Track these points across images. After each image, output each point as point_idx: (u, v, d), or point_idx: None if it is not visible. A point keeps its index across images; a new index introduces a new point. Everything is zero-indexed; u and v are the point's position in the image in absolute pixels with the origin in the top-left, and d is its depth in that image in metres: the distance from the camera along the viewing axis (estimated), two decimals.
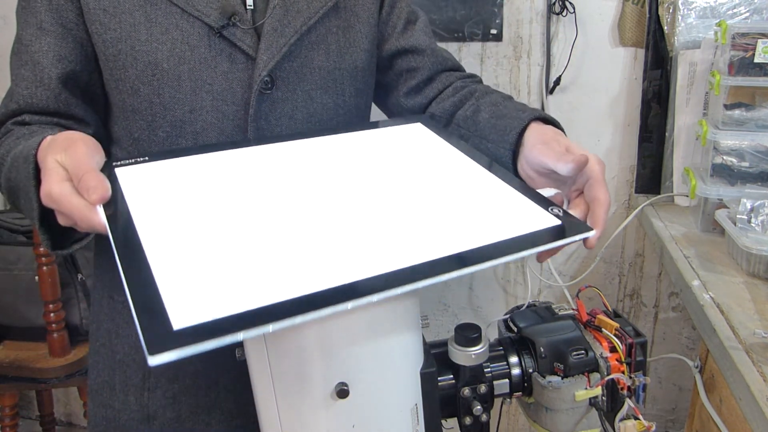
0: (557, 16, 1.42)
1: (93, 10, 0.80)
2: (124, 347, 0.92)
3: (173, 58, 0.79)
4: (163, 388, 0.91)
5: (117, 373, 0.93)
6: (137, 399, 0.92)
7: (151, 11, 0.79)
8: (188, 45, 0.79)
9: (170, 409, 0.92)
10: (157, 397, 0.91)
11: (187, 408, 0.92)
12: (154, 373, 0.91)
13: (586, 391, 0.70)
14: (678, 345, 1.59)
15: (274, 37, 0.81)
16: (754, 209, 1.09)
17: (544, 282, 1.61)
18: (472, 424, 0.72)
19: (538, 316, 0.77)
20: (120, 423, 0.94)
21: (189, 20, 0.79)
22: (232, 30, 0.80)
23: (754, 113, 1.17)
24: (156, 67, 0.79)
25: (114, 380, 0.93)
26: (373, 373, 0.63)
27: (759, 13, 1.29)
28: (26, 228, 1.64)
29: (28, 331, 1.64)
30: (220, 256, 0.56)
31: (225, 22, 0.80)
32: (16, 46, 0.83)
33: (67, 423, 2.17)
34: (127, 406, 0.93)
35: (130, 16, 0.79)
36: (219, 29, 0.79)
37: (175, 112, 0.81)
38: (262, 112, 0.82)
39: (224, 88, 0.81)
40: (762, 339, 0.85)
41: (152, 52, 0.79)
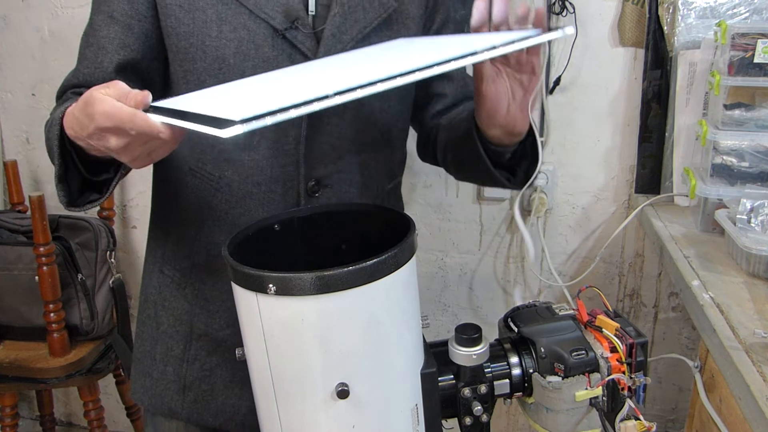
0: (557, 16, 1.42)
1: (169, 5, 0.86)
2: (168, 318, 0.99)
3: (239, 55, 0.86)
4: (201, 361, 0.98)
5: (159, 344, 1.00)
6: (175, 369, 0.98)
7: (222, 10, 0.85)
8: (254, 44, 0.85)
9: (205, 382, 0.98)
10: (194, 369, 0.98)
11: (222, 382, 0.98)
12: (194, 346, 0.97)
13: (586, 392, 0.70)
14: (678, 345, 1.59)
15: (332, 43, 0.87)
16: (754, 209, 1.09)
17: (544, 282, 1.61)
18: (473, 424, 0.72)
19: (538, 316, 0.77)
20: (156, 392, 1.00)
21: (256, 21, 0.85)
22: (294, 33, 0.86)
23: (754, 113, 1.17)
24: (223, 62, 0.86)
25: (155, 351, 1.00)
26: (373, 373, 0.63)
27: (759, 13, 1.29)
28: (26, 228, 1.64)
29: (28, 331, 1.64)
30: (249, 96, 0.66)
31: (288, 25, 0.85)
32: (88, 28, 0.92)
33: (67, 423, 2.17)
34: (165, 376, 0.99)
35: (202, 13, 0.85)
36: (282, 31, 0.85)
37: None
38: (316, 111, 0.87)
39: None
40: (762, 339, 0.85)
41: (221, 47, 0.85)
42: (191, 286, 0.97)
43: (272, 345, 0.62)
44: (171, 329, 0.98)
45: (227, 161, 0.90)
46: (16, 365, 1.58)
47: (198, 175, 0.92)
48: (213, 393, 0.97)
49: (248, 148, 0.89)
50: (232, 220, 0.92)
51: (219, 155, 0.90)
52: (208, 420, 0.98)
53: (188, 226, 0.95)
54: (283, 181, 0.90)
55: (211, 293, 0.96)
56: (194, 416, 0.98)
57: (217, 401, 0.98)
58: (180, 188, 0.94)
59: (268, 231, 0.76)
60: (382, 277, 0.61)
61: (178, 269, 0.97)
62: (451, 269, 1.66)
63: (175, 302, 0.98)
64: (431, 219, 1.61)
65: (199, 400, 0.98)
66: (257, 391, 0.68)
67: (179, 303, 0.98)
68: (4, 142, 1.92)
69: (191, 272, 0.96)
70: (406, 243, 0.63)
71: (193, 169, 0.92)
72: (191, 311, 0.97)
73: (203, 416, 0.98)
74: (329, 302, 0.59)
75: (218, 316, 0.96)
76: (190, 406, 0.98)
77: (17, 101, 1.85)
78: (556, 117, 1.49)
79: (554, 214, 1.56)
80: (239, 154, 0.89)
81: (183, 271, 0.97)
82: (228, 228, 0.92)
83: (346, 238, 0.80)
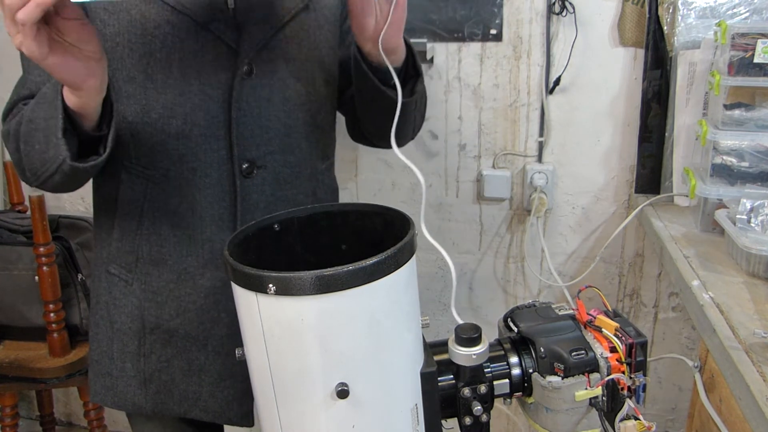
0: (557, 16, 1.42)
1: (94, 9, 0.89)
2: (121, 316, 1.00)
3: (165, 49, 0.89)
4: (157, 353, 1.00)
5: (115, 342, 1.01)
6: (134, 365, 1.00)
7: (145, 9, 0.88)
8: (178, 38, 0.89)
9: (164, 373, 1.00)
10: (152, 362, 1.00)
11: (180, 371, 1.00)
12: (149, 339, 0.99)
13: (586, 392, 0.70)
14: (678, 345, 1.59)
15: (254, 30, 0.91)
16: (754, 209, 1.09)
17: (544, 282, 1.61)
18: (472, 424, 0.72)
19: (538, 316, 0.77)
20: (118, 390, 1.02)
21: (179, 16, 0.88)
22: (216, 24, 0.90)
23: (754, 113, 1.17)
24: (150, 57, 0.89)
25: (112, 349, 1.02)
26: (373, 373, 0.63)
27: (759, 13, 1.29)
28: (26, 228, 1.64)
29: (28, 331, 1.64)
30: None
31: (209, 17, 0.89)
32: None
33: (67, 423, 2.17)
34: (125, 373, 1.01)
35: (127, 14, 0.89)
36: (205, 24, 0.89)
37: (167, 95, 0.90)
38: (243, 95, 0.92)
39: (210, 74, 0.91)
40: (762, 339, 0.85)
41: (147, 44, 0.89)
42: (138, 280, 0.98)
43: (272, 345, 0.62)
44: (124, 326, 1.00)
45: (161, 152, 0.92)
46: (16, 365, 1.58)
47: (132, 170, 0.94)
48: (174, 382, 1.00)
49: (181, 136, 0.91)
50: (173, 209, 0.95)
51: (153, 148, 0.92)
52: (173, 408, 1.01)
53: (129, 221, 0.97)
54: (218, 164, 0.93)
55: (158, 284, 0.97)
56: (159, 406, 1.01)
57: (179, 389, 1.00)
58: (116, 185, 0.96)
59: (268, 231, 0.76)
60: (382, 277, 0.61)
61: (124, 266, 0.99)
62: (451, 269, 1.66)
63: (124, 300, 0.99)
64: (431, 219, 1.61)
65: (161, 391, 1.00)
66: (257, 391, 0.68)
67: (128, 300, 0.99)
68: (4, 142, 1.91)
69: (136, 266, 0.98)
70: (406, 243, 0.63)
71: (126, 165, 0.94)
72: (141, 306, 0.98)
73: (168, 405, 1.00)
74: (329, 302, 0.59)
75: (167, 306, 0.98)
76: (153, 398, 1.00)
77: None
78: (556, 117, 1.49)
79: (554, 214, 1.56)
80: (173, 142, 0.92)
81: (128, 267, 0.98)
82: (169, 218, 0.95)
83: (346, 238, 0.80)
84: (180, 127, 0.91)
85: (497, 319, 0.81)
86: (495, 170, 1.56)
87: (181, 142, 0.91)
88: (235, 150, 0.92)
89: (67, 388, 1.99)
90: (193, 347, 0.99)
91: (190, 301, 0.97)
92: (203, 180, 0.93)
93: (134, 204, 0.95)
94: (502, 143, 1.54)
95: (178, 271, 0.96)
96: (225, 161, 0.93)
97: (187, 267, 0.96)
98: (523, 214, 1.57)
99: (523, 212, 1.57)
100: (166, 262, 0.96)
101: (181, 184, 0.93)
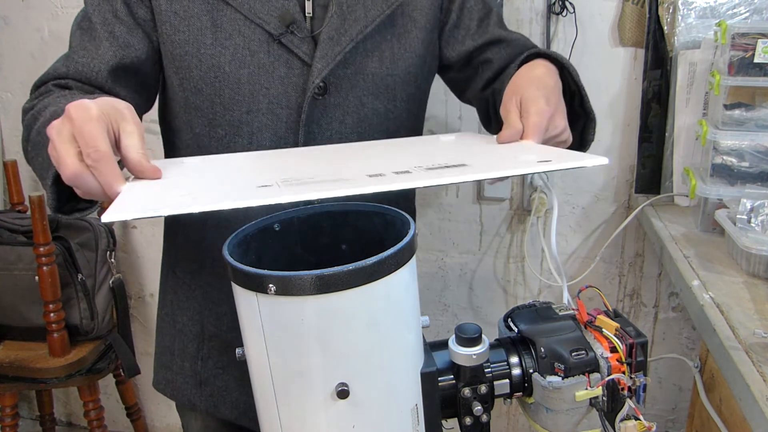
0: (557, 16, 1.42)
1: (165, 12, 0.84)
2: (183, 318, 1.01)
3: (234, 62, 0.84)
4: (214, 359, 1.00)
5: (177, 340, 1.02)
6: (191, 365, 1.01)
7: (217, 17, 0.83)
8: (249, 50, 0.83)
9: (220, 379, 1.00)
10: (209, 366, 1.00)
11: (234, 380, 1.00)
12: (207, 345, 1.00)
13: (586, 392, 0.70)
14: (678, 345, 1.59)
15: (329, 46, 0.84)
16: (754, 209, 1.09)
17: (544, 282, 1.61)
18: (473, 424, 0.72)
19: (538, 316, 0.77)
20: (177, 385, 1.03)
21: (251, 27, 0.83)
22: (290, 38, 0.83)
23: (754, 113, 1.17)
24: (219, 70, 0.84)
25: (174, 346, 1.03)
26: (373, 373, 0.63)
27: (759, 13, 1.29)
28: (26, 228, 1.64)
29: (28, 331, 1.64)
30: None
31: (283, 30, 0.83)
32: (85, 24, 0.87)
33: (67, 423, 2.17)
34: (183, 371, 1.02)
35: (198, 21, 0.83)
36: (278, 36, 0.83)
37: (234, 112, 0.85)
38: (314, 116, 0.86)
39: (280, 92, 0.84)
40: (762, 339, 0.85)
41: (216, 55, 0.83)
42: (200, 288, 0.98)
43: (272, 345, 0.62)
44: (186, 328, 1.00)
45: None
46: (16, 365, 1.58)
47: None
48: (228, 389, 1.00)
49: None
50: (234, 227, 0.92)
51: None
52: (225, 413, 1.01)
53: (193, 231, 0.96)
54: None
55: (218, 296, 0.97)
56: (212, 408, 1.01)
57: (232, 396, 1.00)
58: None
59: (268, 231, 0.76)
60: (382, 277, 0.61)
61: (188, 272, 0.99)
62: (451, 269, 1.66)
63: (187, 303, 1.00)
64: (431, 219, 1.61)
65: (215, 395, 1.01)
66: (257, 391, 0.68)
67: (191, 304, 0.99)
68: (4, 142, 1.92)
69: (199, 275, 0.97)
70: (406, 243, 0.63)
71: None
72: (202, 312, 0.99)
73: (220, 409, 1.01)
74: (329, 302, 0.59)
75: (226, 319, 0.97)
76: (207, 400, 1.01)
77: (17, 101, 1.85)
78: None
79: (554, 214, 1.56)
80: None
81: (192, 274, 0.98)
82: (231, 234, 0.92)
83: (346, 238, 0.80)
84: (245, 147, 0.87)
85: (497, 319, 0.81)
86: None
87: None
88: None
89: (67, 388, 1.98)
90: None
91: None
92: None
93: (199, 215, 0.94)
94: None
95: None
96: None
97: None
98: (523, 214, 1.57)
99: (523, 212, 1.57)
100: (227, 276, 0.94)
101: None
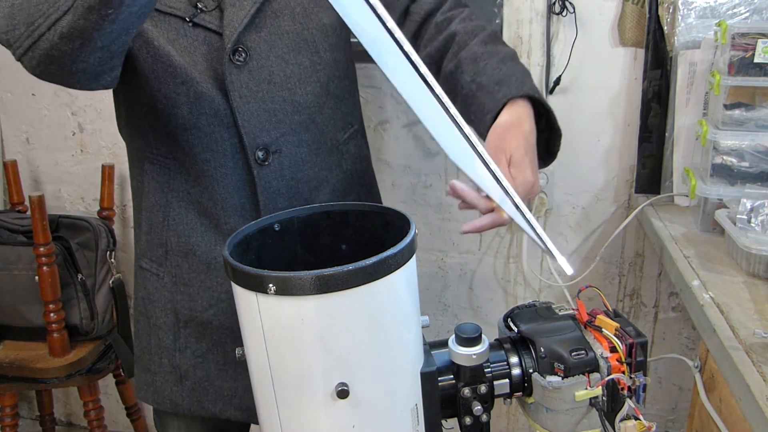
0: (557, 16, 1.42)
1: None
2: (156, 311, 1.00)
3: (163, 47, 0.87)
4: (191, 348, 0.99)
5: (152, 337, 1.02)
6: (170, 360, 1.00)
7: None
8: (168, 39, 0.87)
9: (200, 368, 0.99)
10: (187, 357, 0.99)
11: (215, 366, 0.99)
12: (183, 333, 0.99)
13: (586, 392, 0.70)
14: (678, 345, 1.59)
15: (233, 12, 0.88)
16: (754, 209, 1.09)
17: (544, 282, 1.61)
18: (472, 424, 0.72)
19: (538, 316, 0.77)
20: (157, 386, 1.02)
21: (166, 18, 0.87)
22: (201, 16, 0.88)
23: (754, 113, 1.17)
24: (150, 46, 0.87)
25: (150, 344, 1.02)
26: (373, 373, 0.63)
27: (759, 13, 1.28)
28: (26, 228, 1.64)
29: (28, 331, 1.64)
30: None
31: (193, 11, 0.87)
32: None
33: (67, 423, 2.17)
34: (162, 368, 1.01)
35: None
36: (191, 18, 0.87)
37: (169, 85, 0.88)
38: (241, 81, 0.89)
39: (206, 66, 0.89)
40: (762, 339, 0.85)
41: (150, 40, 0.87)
42: (169, 273, 0.98)
43: (272, 345, 0.62)
44: (159, 321, 1.00)
45: (175, 142, 0.92)
46: (16, 365, 1.58)
47: (154, 161, 0.94)
48: (209, 378, 0.99)
49: (189, 126, 0.90)
50: (196, 199, 0.94)
51: (168, 137, 0.92)
52: (208, 407, 1.00)
53: (155, 213, 0.97)
54: (231, 154, 0.92)
55: (188, 276, 0.97)
56: (195, 405, 1.00)
57: (214, 386, 0.99)
58: (142, 177, 0.97)
59: (268, 231, 0.76)
60: (382, 277, 0.61)
61: (154, 260, 0.99)
62: (451, 269, 1.66)
63: (157, 294, 1.00)
64: (431, 219, 1.61)
65: (197, 388, 1.00)
66: (257, 391, 0.68)
67: (161, 294, 0.99)
68: (4, 142, 1.92)
69: (166, 259, 0.98)
70: (406, 243, 0.63)
71: (148, 155, 0.94)
72: (173, 299, 0.98)
73: (203, 404, 1.00)
74: (329, 302, 0.59)
75: (200, 298, 0.97)
76: (189, 396, 1.00)
77: (17, 101, 1.85)
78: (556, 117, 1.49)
79: (554, 214, 1.56)
80: (183, 133, 0.90)
81: (159, 260, 0.99)
82: (194, 207, 0.94)
83: (346, 238, 0.80)
84: (186, 117, 0.89)
85: (497, 319, 0.81)
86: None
87: (190, 132, 0.90)
88: (245, 139, 0.90)
89: (67, 388, 1.98)
90: (228, 339, 0.98)
91: (222, 291, 0.96)
92: (219, 171, 0.92)
93: (159, 195, 0.95)
94: None
95: (207, 261, 0.96)
96: (238, 151, 0.91)
97: (217, 256, 0.95)
98: None
99: None
100: (195, 253, 0.95)
101: (198, 174, 0.92)
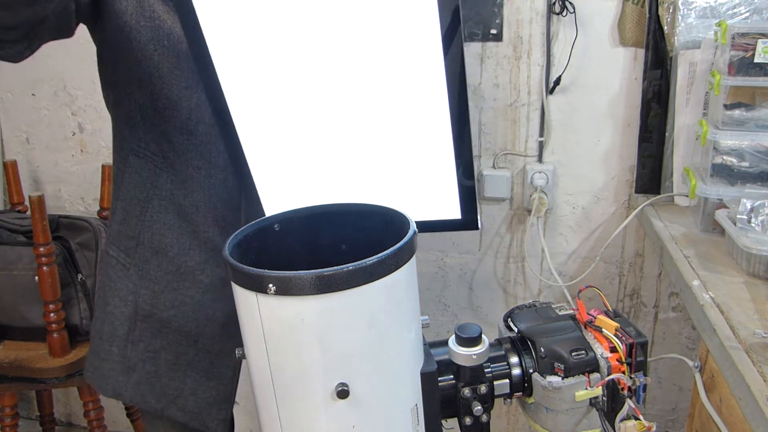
0: (557, 16, 1.42)
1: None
2: (114, 299, 0.99)
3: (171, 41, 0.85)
4: (145, 342, 0.98)
5: (106, 323, 1.00)
6: (120, 350, 0.99)
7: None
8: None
9: (150, 363, 0.98)
10: (138, 350, 0.98)
11: (166, 364, 0.99)
12: (139, 327, 0.98)
13: (586, 392, 0.70)
14: (678, 345, 1.59)
15: None
16: (754, 209, 1.09)
17: (544, 282, 1.61)
18: (472, 424, 0.72)
19: (538, 316, 0.77)
20: (102, 372, 1.01)
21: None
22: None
23: (754, 113, 1.17)
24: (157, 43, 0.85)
25: (103, 330, 1.00)
26: (373, 373, 0.63)
27: (759, 13, 1.28)
28: (26, 228, 1.64)
29: (28, 331, 1.64)
30: None
31: None
32: None
33: (67, 423, 2.17)
34: (110, 356, 1.00)
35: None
36: None
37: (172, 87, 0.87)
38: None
39: None
40: (762, 339, 0.85)
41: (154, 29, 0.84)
42: (136, 266, 0.97)
43: (272, 345, 0.62)
44: (116, 309, 0.99)
45: (168, 142, 0.91)
46: (16, 365, 1.58)
47: (141, 154, 0.93)
48: (157, 375, 0.98)
49: (186, 131, 0.90)
50: (178, 201, 0.93)
51: (161, 135, 0.91)
52: (151, 402, 0.99)
53: (133, 205, 0.96)
54: (223, 167, 0.91)
55: (156, 274, 0.97)
56: (137, 398, 0.99)
57: (161, 383, 0.98)
58: (125, 168, 0.95)
59: (268, 231, 0.76)
60: (382, 277, 0.61)
61: (123, 250, 0.98)
62: (451, 269, 1.66)
63: (119, 283, 0.99)
64: None
65: (143, 382, 0.99)
66: (257, 391, 0.68)
67: (124, 284, 0.98)
68: (4, 142, 1.92)
69: (136, 252, 0.97)
70: (406, 243, 0.63)
71: (135, 148, 0.93)
72: (136, 292, 0.98)
73: (146, 398, 0.99)
74: (329, 302, 0.59)
75: (163, 297, 0.97)
76: (133, 388, 0.99)
77: (17, 101, 1.85)
78: (556, 117, 1.49)
79: (554, 214, 1.56)
80: (178, 136, 0.90)
81: (127, 252, 0.98)
82: (174, 209, 0.94)
83: (346, 238, 0.80)
84: (184, 122, 0.89)
85: (497, 319, 0.81)
86: (495, 170, 1.56)
87: (186, 137, 0.90)
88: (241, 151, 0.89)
89: (67, 388, 1.98)
90: (184, 341, 0.98)
91: (188, 295, 0.96)
92: (208, 180, 0.92)
93: (141, 189, 0.94)
94: (502, 143, 1.54)
95: (177, 264, 0.95)
96: (229, 165, 0.91)
97: (188, 261, 0.95)
98: (523, 214, 1.57)
99: (523, 212, 1.57)
100: (166, 253, 0.95)
101: (186, 179, 0.92)
